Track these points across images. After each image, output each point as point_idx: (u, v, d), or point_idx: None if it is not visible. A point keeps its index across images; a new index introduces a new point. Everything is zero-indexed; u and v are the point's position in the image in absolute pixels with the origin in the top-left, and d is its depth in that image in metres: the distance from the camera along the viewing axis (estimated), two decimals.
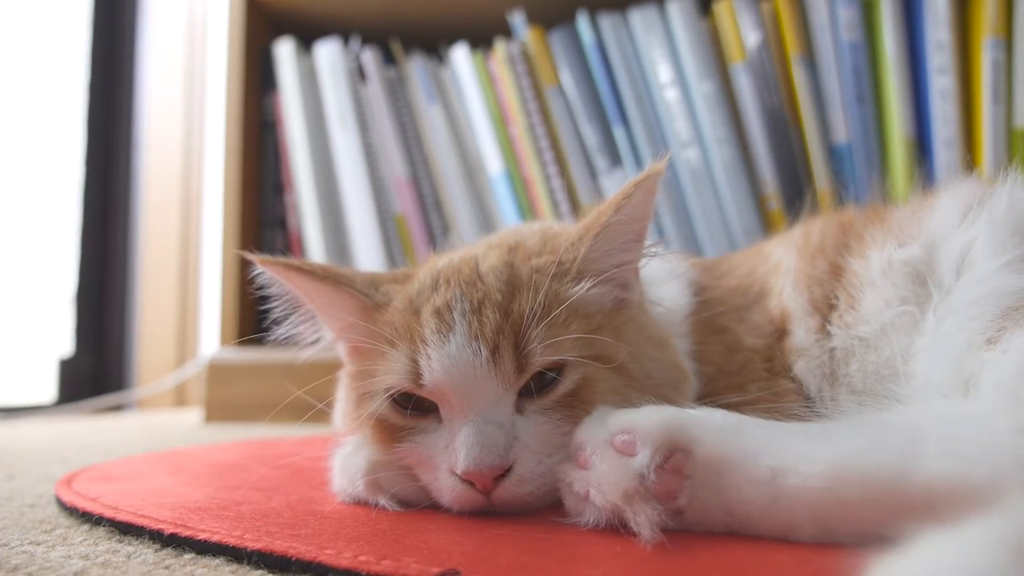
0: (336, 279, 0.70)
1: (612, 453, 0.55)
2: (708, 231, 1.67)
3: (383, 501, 0.66)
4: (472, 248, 0.77)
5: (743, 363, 0.78)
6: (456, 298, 0.64)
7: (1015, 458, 0.46)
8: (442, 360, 0.61)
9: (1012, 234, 0.67)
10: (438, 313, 0.64)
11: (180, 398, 2.88)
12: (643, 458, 0.53)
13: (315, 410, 0.73)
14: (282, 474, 0.84)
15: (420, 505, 0.65)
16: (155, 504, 0.66)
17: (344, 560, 0.46)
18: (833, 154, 1.64)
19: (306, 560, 0.47)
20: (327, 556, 0.46)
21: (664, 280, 0.82)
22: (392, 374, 0.64)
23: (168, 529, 0.57)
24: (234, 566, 0.51)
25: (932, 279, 0.70)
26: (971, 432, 0.48)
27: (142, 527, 0.60)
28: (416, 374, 0.62)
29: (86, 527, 0.64)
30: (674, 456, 0.54)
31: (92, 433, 1.74)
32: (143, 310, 2.80)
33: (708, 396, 0.74)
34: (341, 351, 0.76)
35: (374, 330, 0.67)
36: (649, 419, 0.55)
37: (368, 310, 0.69)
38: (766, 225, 1.67)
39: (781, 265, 0.89)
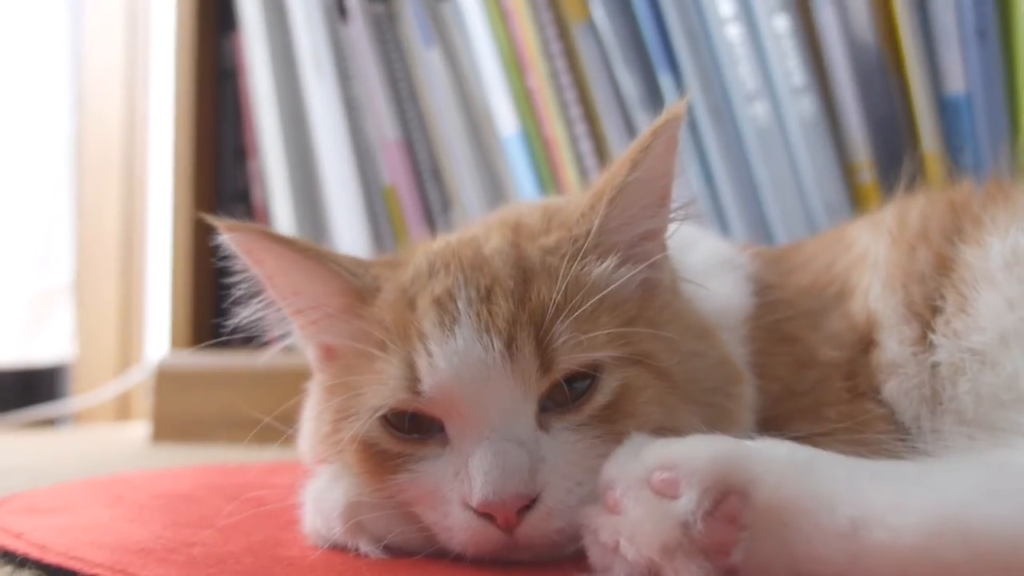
0: (317, 254, 0.71)
1: (649, 495, 0.55)
2: (780, 208, 1.64)
3: (366, 547, 0.66)
4: (469, 229, 0.77)
5: (817, 381, 0.77)
6: (459, 284, 0.65)
7: None
8: (447, 358, 0.62)
9: None
10: (438, 303, 0.64)
11: (123, 410, 2.91)
12: (688, 502, 0.53)
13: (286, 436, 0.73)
14: (242, 509, 0.84)
15: (419, 553, 0.64)
16: (90, 543, 0.68)
17: None
18: (945, 108, 1.59)
19: None
20: None
21: (715, 272, 0.81)
22: (382, 386, 0.64)
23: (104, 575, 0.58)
24: None
25: None
26: None
27: (74, 571, 0.60)
28: (413, 380, 0.63)
29: (7, 569, 0.64)
30: (727, 500, 0.53)
31: (17, 453, 1.77)
32: (79, 304, 2.83)
33: (772, 422, 0.74)
34: (311, 356, 0.76)
35: (359, 327, 0.67)
36: (697, 453, 0.55)
37: (353, 296, 0.70)
38: (855, 200, 1.64)
39: (868, 256, 0.88)
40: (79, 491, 0.98)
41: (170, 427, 2.11)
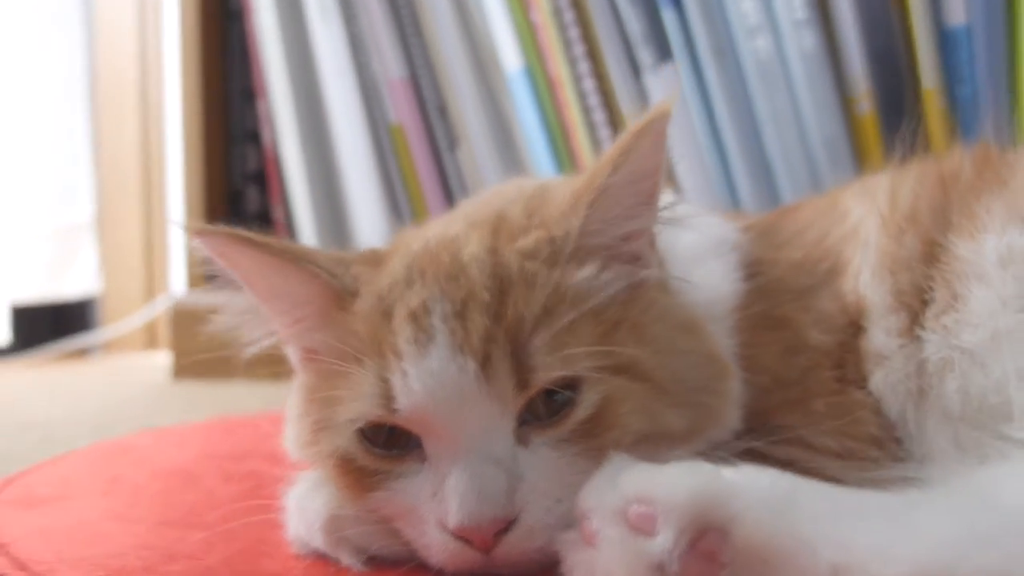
0: (294, 256, 0.66)
1: (625, 530, 0.51)
2: (780, 143, 1.58)
3: (348, 560, 0.63)
4: (451, 223, 0.71)
5: (806, 369, 0.72)
6: (434, 298, 0.60)
7: None
8: (421, 378, 0.57)
9: None
10: (413, 318, 0.59)
11: (151, 339, 2.91)
12: (665, 541, 0.49)
13: None
14: (237, 492, 0.82)
15: (402, 566, 0.61)
16: (73, 559, 0.65)
17: None
18: (945, 40, 1.50)
19: None
20: None
21: (704, 256, 0.76)
22: (357, 400, 0.60)
23: None
24: None
25: None
26: None
27: None
28: (388, 397, 0.59)
29: None
30: (706, 537, 0.49)
31: (41, 396, 1.76)
32: (102, 239, 2.80)
33: (759, 415, 0.69)
34: (292, 357, 0.72)
35: (337, 334, 0.63)
36: (676, 487, 0.50)
37: (332, 299, 0.65)
38: (853, 133, 1.57)
39: (860, 231, 0.82)
40: (80, 470, 0.95)
41: (190, 364, 2.10)
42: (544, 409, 0.59)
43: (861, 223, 0.82)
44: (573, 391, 0.59)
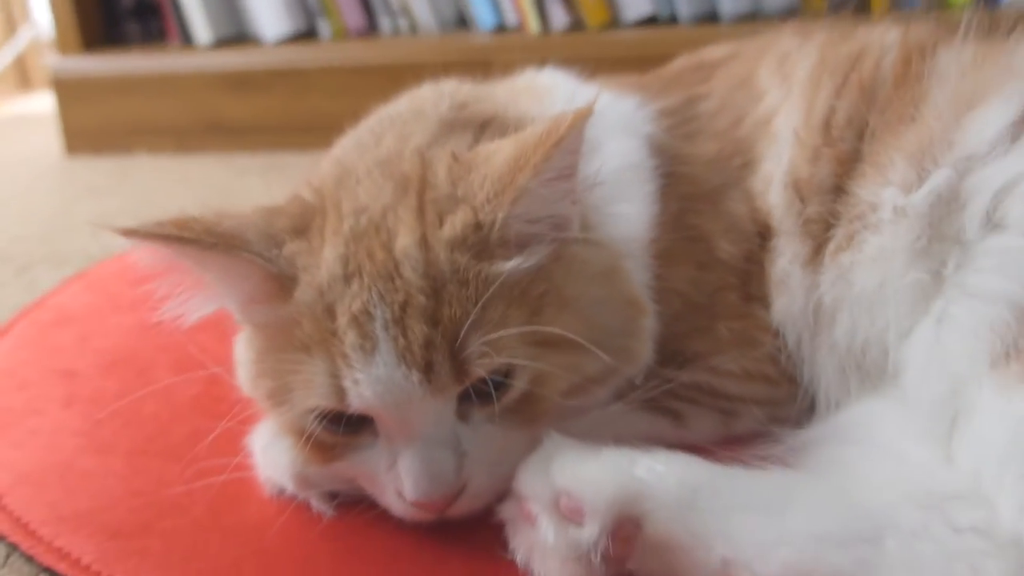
0: (229, 245, 0.69)
1: (558, 518, 0.65)
2: None
3: (319, 506, 0.77)
4: (372, 172, 0.75)
5: (714, 291, 0.83)
6: (373, 302, 0.66)
7: (972, 572, 0.58)
8: (370, 385, 0.66)
9: None
10: (356, 323, 0.66)
11: (23, 77, 2.80)
12: (590, 534, 0.63)
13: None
14: (195, 396, 0.92)
15: (370, 512, 0.74)
16: (70, 517, 0.77)
17: None
18: None
19: None
20: None
21: (621, 189, 0.82)
22: (311, 390, 0.68)
23: None
24: None
25: (954, 225, 0.72)
26: (932, 543, 0.60)
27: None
28: (340, 393, 0.67)
29: None
30: (624, 526, 0.64)
31: None
32: None
33: (671, 341, 0.81)
34: (236, 315, 0.78)
35: (282, 316, 0.69)
36: (599, 487, 0.64)
37: (272, 282, 0.70)
38: None
39: (773, 124, 0.89)
40: (26, 351, 1.07)
41: (81, 138, 2.08)
42: (482, 387, 0.70)
43: (775, 113, 0.89)
44: (506, 376, 0.70)
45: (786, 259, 0.82)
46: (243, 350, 0.79)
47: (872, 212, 0.76)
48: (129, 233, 0.69)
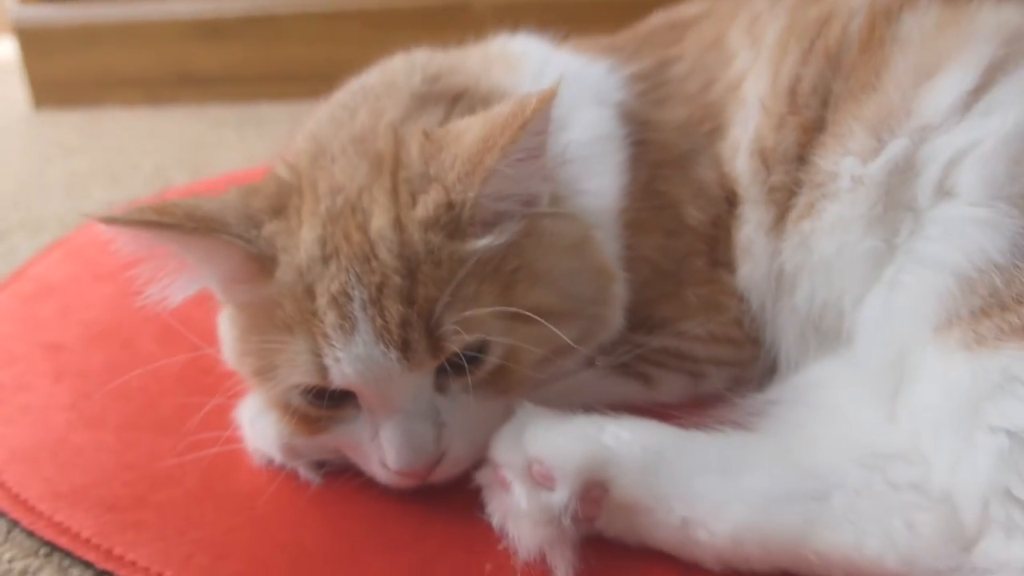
0: (209, 227, 0.72)
1: (530, 483, 0.71)
2: None
3: (306, 474, 0.82)
4: (346, 149, 0.78)
5: (682, 256, 0.88)
6: (351, 283, 0.70)
7: (907, 526, 0.65)
8: (351, 363, 0.70)
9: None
10: (336, 303, 0.70)
11: None
12: (561, 497, 0.69)
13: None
14: (181, 369, 0.95)
15: (356, 480, 0.80)
16: (67, 493, 0.82)
17: None
18: None
19: None
20: None
21: (592, 160, 0.86)
22: (294, 367, 0.73)
23: (100, 563, 0.74)
24: None
25: (908, 193, 0.77)
26: (873, 499, 0.66)
27: (69, 552, 0.76)
28: (323, 371, 0.72)
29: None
30: (592, 491, 0.70)
31: None
32: None
33: (640, 307, 0.86)
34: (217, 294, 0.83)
35: (264, 295, 0.73)
36: (568, 454, 0.70)
37: (253, 263, 0.74)
38: None
39: (742, 88, 0.92)
40: (9, 323, 1.11)
41: (49, 91, 2.09)
42: (458, 361, 0.74)
43: (744, 77, 0.93)
44: (480, 350, 0.75)
45: (751, 226, 0.87)
46: (227, 328, 0.83)
47: (831, 181, 0.80)
48: (111, 221, 0.72)
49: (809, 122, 0.85)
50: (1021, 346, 0.65)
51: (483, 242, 0.73)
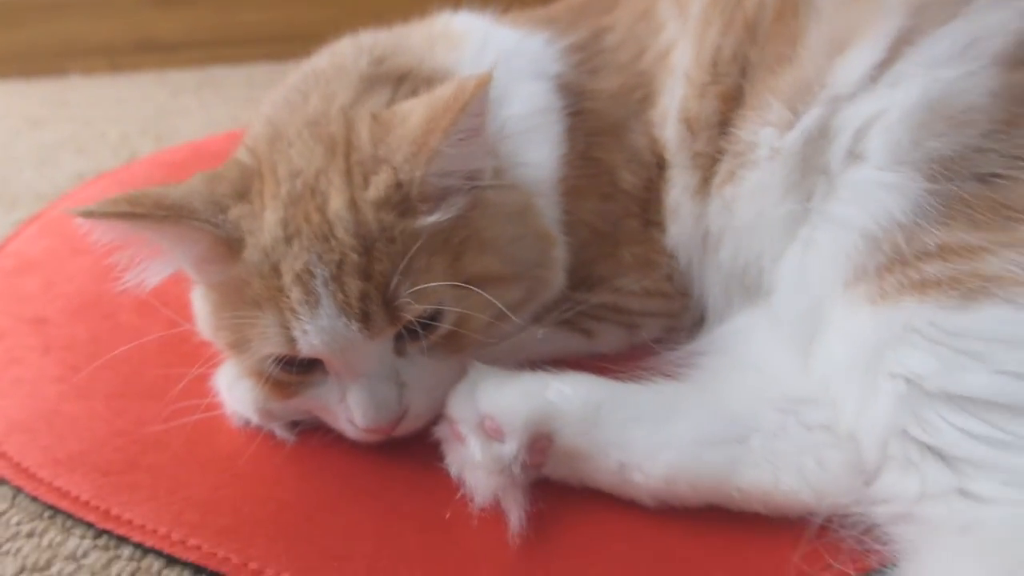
0: (178, 215, 0.77)
1: (483, 437, 0.77)
2: None
3: (282, 434, 0.88)
4: (301, 134, 0.82)
5: (618, 218, 0.93)
6: (313, 261, 0.75)
7: (817, 463, 0.72)
8: (316, 334, 0.75)
9: (926, 120, 0.75)
10: (300, 281, 0.75)
11: None
12: (511, 448, 0.75)
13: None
14: (162, 342, 0.99)
15: (327, 436, 0.86)
16: (65, 460, 0.88)
17: None
18: None
19: None
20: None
21: (531, 132, 0.91)
22: (266, 341, 0.78)
23: (100, 523, 0.80)
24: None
25: (823, 158, 0.81)
26: (788, 440, 0.73)
27: (71, 514, 0.82)
28: (291, 341, 0.77)
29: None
30: (538, 441, 0.76)
31: None
32: None
33: (580, 267, 0.92)
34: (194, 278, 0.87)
35: (234, 275, 0.78)
36: (516, 409, 0.76)
37: (222, 246, 0.78)
38: None
39: (671, 57, 0.97)
40: None
41: (11, 62, 2.08)
42: (415, 325, 0.81)
43: (672, 46, 0.97)
44: (434, 317, 0.80)
45: (678, 190, 0.92)
46: (200, 304, 0.88)
47: (750, 151, 0.85)
48: (88, 215, 0.76)
49: (729, 91, 0.89)
50: (919, 299, 0.70)
51: (432, 218, 0.77)
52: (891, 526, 0.67)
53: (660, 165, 0.94)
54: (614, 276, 0.93)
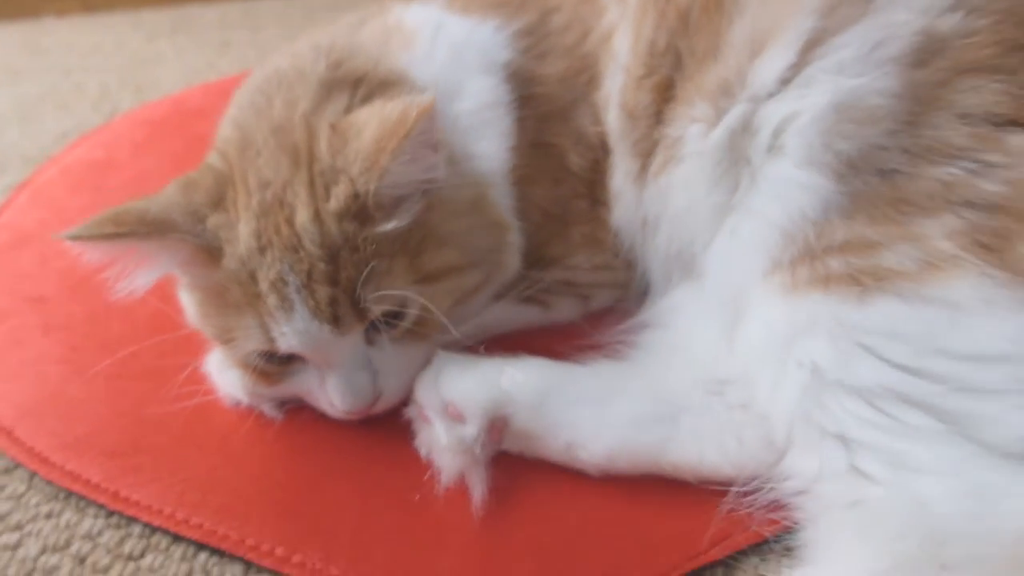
0: (161, 229, 0.83)
1: (447, 420, 0.86)
2: None
3: (271, 412, 0.96)
4: (267, 144, 0.87)
5: (567, 200, 1.00)
6: (285, 271, 0.82)
7: (737, 441, 0.81)
8: (294, 335, 0.83)
9: (835, 124, 0.80)
10: (275, 288, 0.82)
11: None
12: (471, 431, 0.84)
13: None
14: (150, 318, 1.08)
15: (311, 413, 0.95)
16: (73, 443, 0.96)
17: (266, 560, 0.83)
18: None
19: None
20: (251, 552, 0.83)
21: (482, 127, 0.96)
22: (249, 339, 0.85)
23: (111, 505, 0.90)
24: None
25: (746, 152, 0.87)
26: (712, 419, 0.82)
27: (87, 497, 0.92)
28: (271, 340, 0.84)
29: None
30: (495, 423, 0.85)
31: None
32: None
33: (534, 247, 0.99)
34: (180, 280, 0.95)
35: (216, 279, 0.85)
36: (475, 397, 0.84)
37: (203, 253, 0.84)
38: None
39: (612, 41, 1.01)
40: None
41: None
42: (383, 318, 0.88)
43: (614, 30, 1.01)
44: (400, 311, 0.88)
45: (620, 174, 0.98)
46: (187, 300, 0.95)
47: (680, 146, 0.90)
48: (76, 239, 0.83)
49: (663, 82, 0.94)
50: (824, 293, 0.77)
51: (390, 225, 0.84)
52: (794, 498, 0.76)
53: (605, 149, 1.00)
54: (566, 255, 1.00)
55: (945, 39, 0.82)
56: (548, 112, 1.01)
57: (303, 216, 0.83)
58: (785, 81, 0.85)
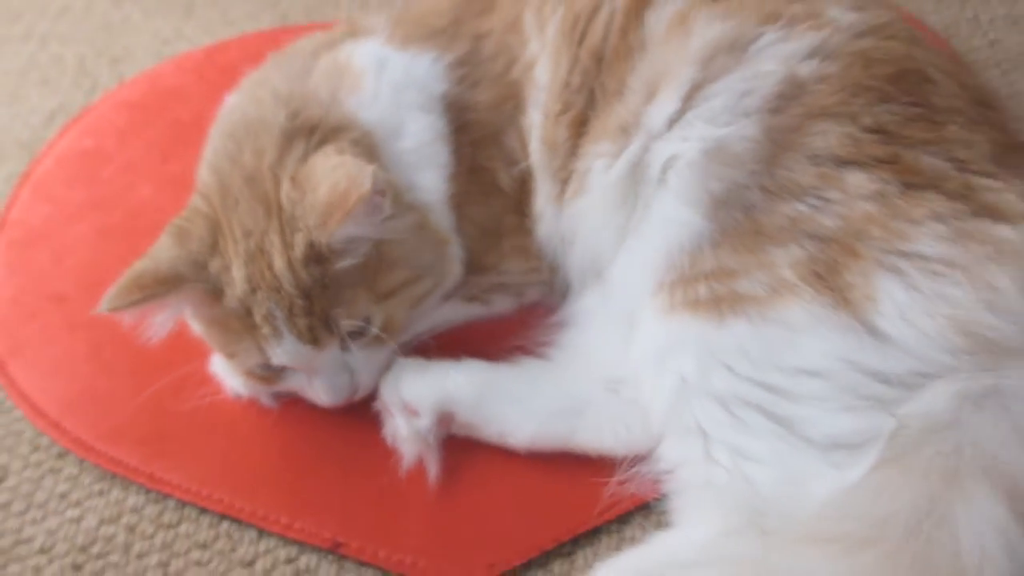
0: (178, 283, 1.01)
1: (405, 414, 1.09)
2: None
3: (267, 402, 1.18)
4: (248, 202, 1.03)
5: (499, 215, 1.17)
6: (273, 308, 1.00)
7: (626, 429, 1.04)
8: (284, 354, 1.03)
9: (708, 168, 0.98)
10: (266, 320, 1.01)
11: None
12: (424, 424, 1.07)
13: None
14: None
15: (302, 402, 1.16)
16: (107, 434, 1.18)
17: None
18: None
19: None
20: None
21: (423, 163, 1.13)
22: (248, 356, 1.05)
23: (150, 485, 1.14)
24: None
25: (641, 182, 1.04)
26: (609, 411, 1.04)
27: (126, 478, 1.17)
28: (267, 358, 1.04)
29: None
30: (444, 417, 1.09)
31: None
32: None
33: (473, 256, 1.18)
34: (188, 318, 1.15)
35: (220, 313, 1.03)
36: (426, 397, 1.06)
37: (208, 294, 1.02)
38: None
39: (534, 72, 1.15)
40: (18, 286, 1.36)
41: None
42: (354, 331, 1.09)
43: (535, 61, 1.16)
44: (365, 326, 1.09)
45: (542, 196, 1.15)
46: (195, 326, 1.13)
47: (588, 176, 1.08)
48: (112, 310, 1.01)
49: (577, 119, 1.10)
50: (692, 315, 0.94)
51: (346, 262, 1.02)
52: (665, 476, 0.99)
53: (530, 171, 1.16)
54: (499, 263, 1.18)
55: (803, 85, 0.98)
56: (481, 137, 1.16)
57: (279, 263, 1.02)
58: (672, 123, 1.01)
